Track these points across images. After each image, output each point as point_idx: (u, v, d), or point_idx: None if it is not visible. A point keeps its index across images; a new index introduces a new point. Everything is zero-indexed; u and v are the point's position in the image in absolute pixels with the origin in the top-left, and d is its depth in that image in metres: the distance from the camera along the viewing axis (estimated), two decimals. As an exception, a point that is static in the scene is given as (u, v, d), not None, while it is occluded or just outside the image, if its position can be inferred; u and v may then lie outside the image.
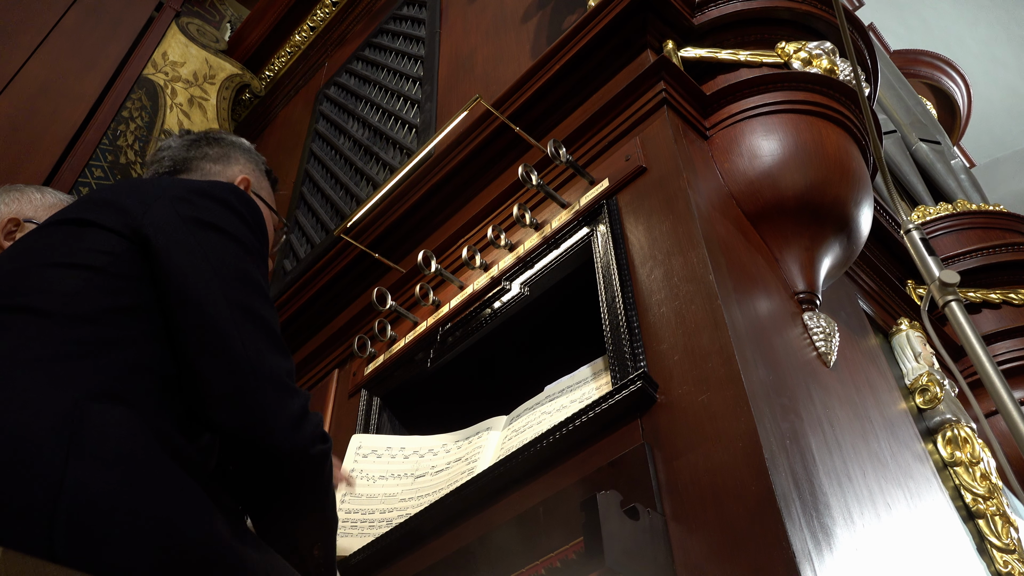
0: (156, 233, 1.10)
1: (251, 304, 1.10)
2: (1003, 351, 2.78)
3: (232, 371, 1.04)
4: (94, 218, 1.11)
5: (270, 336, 1.10)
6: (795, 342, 1.68)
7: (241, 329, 1.07)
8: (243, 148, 1.59)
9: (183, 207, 1.14)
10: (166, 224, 1.11)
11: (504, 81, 2.48)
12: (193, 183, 1.21)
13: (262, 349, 1.08)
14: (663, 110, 1.84)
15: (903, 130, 4.35)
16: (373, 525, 1.79)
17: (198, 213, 1.14)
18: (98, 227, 1.10)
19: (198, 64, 4.17)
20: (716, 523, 1.18)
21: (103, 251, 1.07)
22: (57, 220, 1.14)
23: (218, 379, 1.04)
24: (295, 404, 1.08)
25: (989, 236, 3.11)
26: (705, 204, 1.68)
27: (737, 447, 1.23)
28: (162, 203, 1.14)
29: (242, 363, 1.05)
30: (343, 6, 4.24)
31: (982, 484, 2.06)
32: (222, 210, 1.18)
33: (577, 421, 1.44)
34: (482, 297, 2.01)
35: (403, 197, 2.42)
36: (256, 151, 1.63)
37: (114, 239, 1.09)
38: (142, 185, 1.19)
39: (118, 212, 1.12)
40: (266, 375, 1.06)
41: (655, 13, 2.01)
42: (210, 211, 1.16)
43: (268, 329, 1.11)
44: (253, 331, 1.08)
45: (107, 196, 1.16)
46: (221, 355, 1.05)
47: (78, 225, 1.11)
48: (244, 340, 1.06)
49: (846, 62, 2.06)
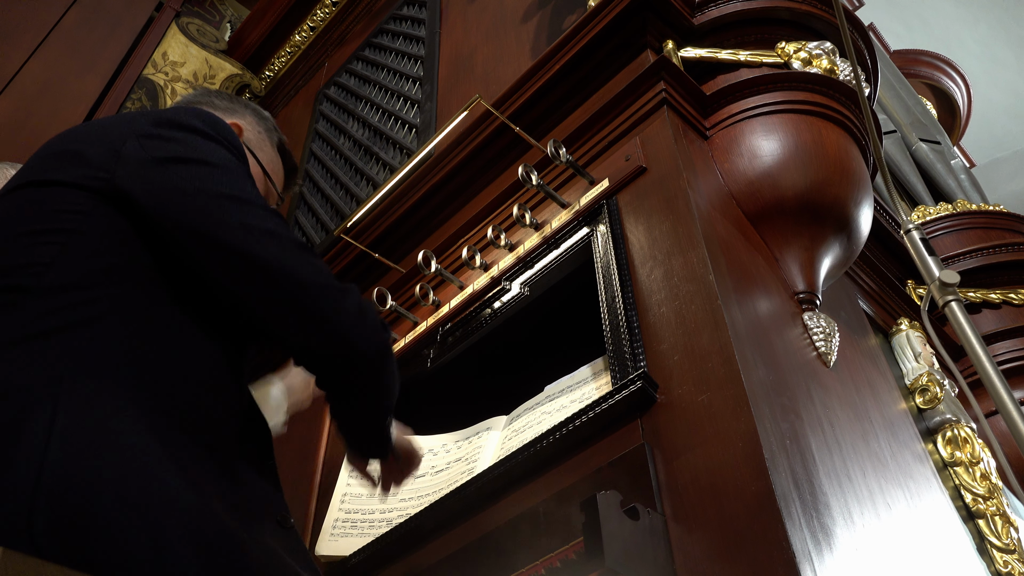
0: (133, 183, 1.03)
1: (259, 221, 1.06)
2: (1003, 351, 2.78)
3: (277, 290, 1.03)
4: (58, 176, 1.04)
5: (293, 243, 1.07)
6: (795, 342, 1.68)
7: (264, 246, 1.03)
8: (254, 109, 1.51)
9: (153, 146, 1.07)
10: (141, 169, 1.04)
11: (504, 81, 2.48)
12: (157, 112, 1.14)
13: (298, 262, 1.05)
14: (663, 110, 1.84)
15: (903, 130, 4.35)
16: (373, 525, 1.79)
17: (171, 151, 1.07)
18: (60, 185, 1.03)
19: (198, 64, 4.17)
20: (716, 523, 1.18)
21: (71, 211, 1.00)
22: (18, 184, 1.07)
23: (267, 303, 1.04)
24: (351, 301, 1.08)
25: (989, 236, 3.11)
26: (705, 204, 1.68)
27: (737, 447, 1.23)
28: (132, 147, 1.06)
29: (283, 278, 1.03)
30: (343, 6, 4.24)
31: (982, 484, 2.06)
32: (193, 137, 1.11)
33: (577, 421, 1.44)
34: (482, 297, 2.01)
35: (403, 197, 2.42)
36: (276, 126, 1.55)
37: (81, 196, 1.02)
38: (104, 127, 1.11)
39: (81, 164, 1.05)
40: (316, 287, 1.05)
41: (655, 13, 2.01)
42: (182, 143, 1.09)
43: (287, 238, 1.07)
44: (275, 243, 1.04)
45: (69, 146, 1.09)
46: (258, 277, 1.03)
47: (38, 187, 1.04)
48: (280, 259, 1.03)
49: (846, 62, 2.06)
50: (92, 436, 0.83)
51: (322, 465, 2.11)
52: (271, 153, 1.50)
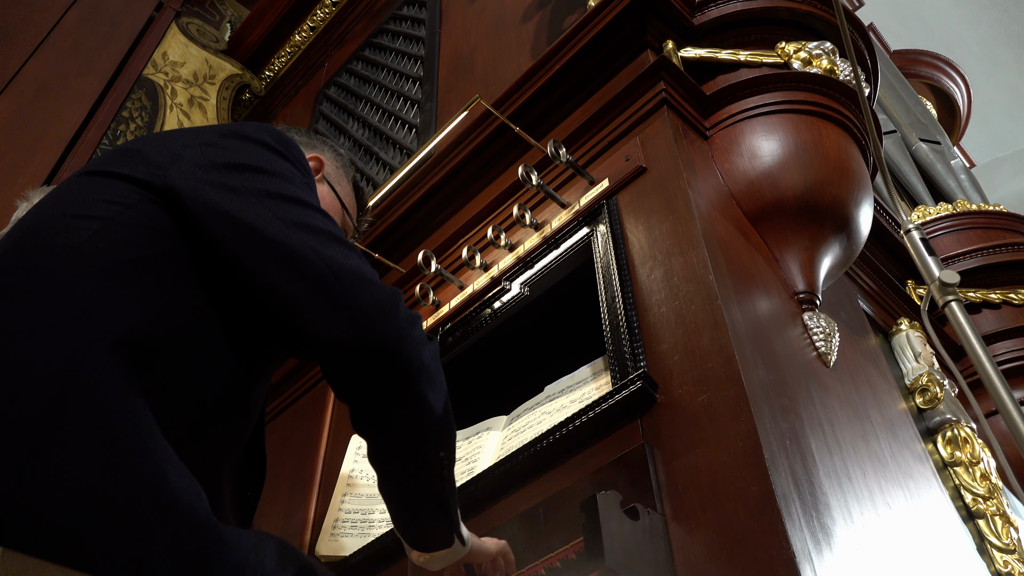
0: (184, 181, 1.03)
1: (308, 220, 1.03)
2: (1003, 351, 2.78)
3: (314, 281, 0.99)
4: (117, 169, 1.05)
5: (340, 240, 1.04)
6: (795, 342, 1.68)
7: (307, 240, 1.01)
8: (331, 146, 1.52)
9: (213, 152, 1.07)
10: (196, 170, 1.04)
11: (504, 81, 2.48)
12: (224, 126, 1.14)
13: (337, 253, 1.02)
14: (663, 110, 1.84)
15: (903, 130, 4.35)
16: (373, 525, 1.79)
17: (230, 157, 1.07)
18: (118, 177, 1.03)
19: (198, 64, 4.17)
20: (716, 523, 1.18)
21: (115, 201, 1.00)
22: (82, 171, 1.07)
23: (303, 294, 0.99)
24: (389, 296, 1.03)
25: (989, 236, 3.11)
26: (705, 204, 1.68)
27: (737, 447, 1.23)
28: (192, 152, 1.06)
29: (322, 270, 0.99)
30: (343, 6, 4.24)
31: (982, 484, 2.06)
32: (257, 148, 1.10)
33: (577, 421, 1.44)
34: (482, 297, 2.01)
35: (403, 197, 2.42)
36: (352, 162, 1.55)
37: (131, 189, 1.02)
38: (173, 135, 1.12)
39: (141, 162, 1.05)
40: (350, 274, 1.01)
41: (655, 13, 2.01)
42: (242, 152, 1.08)
43: (333, 235, 1.04)
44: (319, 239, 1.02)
45: (136, 146, 1.10)
46: (297, 270, 0.99)
47: (102, 176, 1.04)
48: (315, 248, 1.00)
49: (846, 62, 2.06)
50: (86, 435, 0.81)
51: (322, 465, 2.11)
52: (348, 188, 1.52)
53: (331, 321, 0.99)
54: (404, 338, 1.02)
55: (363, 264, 1.05)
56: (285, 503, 2.12)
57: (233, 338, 1.03)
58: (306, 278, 0.99)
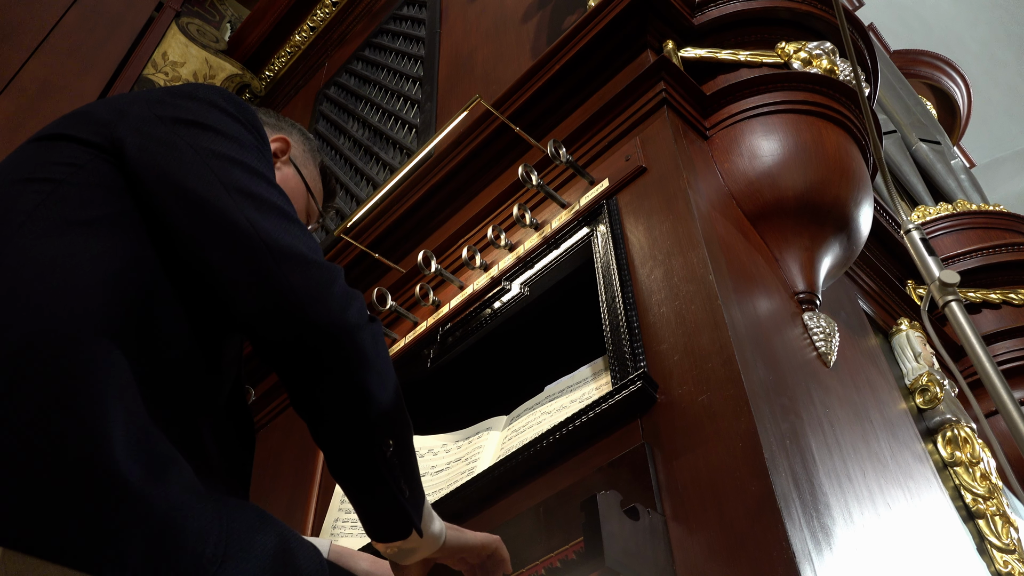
0: (130, 134, 1.00)
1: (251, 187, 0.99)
2: (1003, 351, 2.78)
3: (246, 256, 0.94)
4: (65, 131, 1.02)
5: (281, 213, 0.99)
6: (795, 342, 1.68)
7: (245, 209, 0.96)
8: (300, 129, 1.49)
9: (161, 108, 1.04)
10: (142, 124, 1.01)
11: (504, 81, 2.48)
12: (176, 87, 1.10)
13: (274, 227, 0.97)
14: (663, 110, 1.84)
15: (903, 130, 4.35)
16: (373, 525, 1.79)
17: (178, 113, 1.03)
18: (68, 139, 1.01)
19: (198, 64, 4.17)
20: (716, 523, 1.18)
21: (65, 163, 0.98)
22: (32, 138, 1.05)
23: (232, 268, 0.94)
24: (323, 275, 0.97)
25: (989, 236, 3.11)
26: (705, 204, 1.68)
27: (737, 447, 1.23)
28: (139, 107, 1.04)
29: (255, 243, 0.94)
30: (343, 6, 4.24)
31: (982, 484, 2.06)
32: (207, 108, 1.06)
33: (577, 421, 1.44)
34: (482, 297, 2.01)
35: (403, 197, 2.42)
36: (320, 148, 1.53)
37: (80, 150, 1.00)
38: (123, 96, 1.10)
39: (92, 123, 1.03)
40: (284, 249, 0.95)
41: (655, 13, 2.01)
42: (192, 110, 1.04)
43: (277, 208, 0.99)
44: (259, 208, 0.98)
45: (86, 108, 1.07)
46: (229, 242, 0.95)
47: (50, 140, 1.02)
48: (251, 219, 0.96)
49: (846, 62, 2.07)
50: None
51: (322, 465, 2.11)
52: (314, 172, 1.49)
53: (256, 299, 0.94)
54: (336, 321, 0.96)
55: (303, 239, 1.00)
56: (285, 503, 2.12)
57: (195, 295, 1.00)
58: (237, 249, 0.95)
